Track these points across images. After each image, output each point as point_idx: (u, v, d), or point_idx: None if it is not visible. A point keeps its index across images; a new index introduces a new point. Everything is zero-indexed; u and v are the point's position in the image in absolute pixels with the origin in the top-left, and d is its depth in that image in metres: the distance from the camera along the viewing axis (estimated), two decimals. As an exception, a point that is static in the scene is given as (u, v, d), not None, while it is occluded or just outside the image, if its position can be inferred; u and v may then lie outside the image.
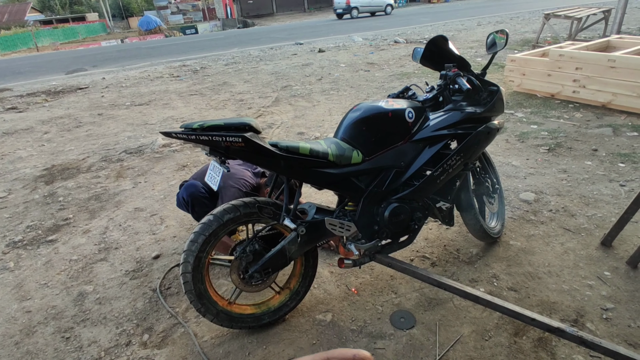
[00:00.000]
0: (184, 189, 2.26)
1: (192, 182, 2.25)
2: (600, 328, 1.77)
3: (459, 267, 2.21)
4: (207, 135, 1.50)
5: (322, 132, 4.48)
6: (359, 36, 12.44)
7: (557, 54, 4.32)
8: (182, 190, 2.27)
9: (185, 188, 2.23)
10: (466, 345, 1.73)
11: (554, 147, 3.54)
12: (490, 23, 13.03)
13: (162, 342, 1.91)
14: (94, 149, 4.56)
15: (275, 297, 1.93)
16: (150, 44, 17.96)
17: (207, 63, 10.04)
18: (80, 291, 2.30)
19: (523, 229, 2.47)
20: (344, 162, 1.73)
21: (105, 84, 8.36)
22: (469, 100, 2.00)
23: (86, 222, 3.04)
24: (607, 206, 2.63)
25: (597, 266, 2.13)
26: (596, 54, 4.23)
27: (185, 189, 2.23)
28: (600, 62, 4.12)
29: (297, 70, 8.07)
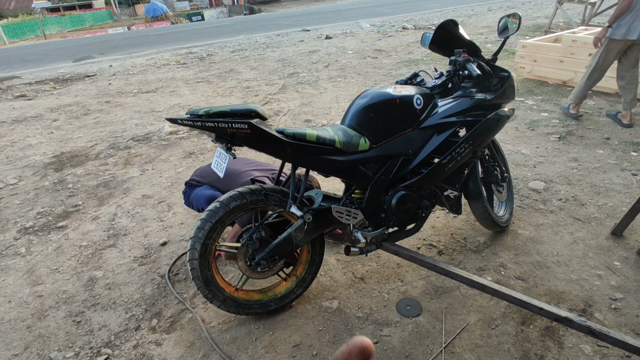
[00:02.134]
0: (206, 203, 2.18)
1: (214, 196, 2.19)
2: (608, 318, 1.75)
3: (466, 256, 2.20)
4: (213, 122, 1.49)
5: (329, 119, 4.45)
6: (367, 22, 12.24)
7: (570, 40, 4.20)
8: (203, 202, 2.21)
9: (206, 202, 2.17)
10: (472, 334, 1.73)
11: (564, 136, 3.48)
12: (501, 8, 12.72)
13: (171, 327, 1.94)
14: (102, 137, 4.58)
15: (282, 284, 1.94)
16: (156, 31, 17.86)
17: (214, 50, 9.97)
18: (90, 276, 2.34)
19: (532, 218, 2.45)
20: (351, 149, 1.71)
21: (113, 72, 8.35)
22: (478, 87, 1.96)
23: (95, 209, 3.07)
24: (619, 195, 2.58)
25: (607, 256, 2.10)
26: None
27: (207, 203, 2.17)
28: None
29: (304, 57, 7.98)
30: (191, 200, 2.32)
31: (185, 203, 2.45)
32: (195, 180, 2.41)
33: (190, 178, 2.47)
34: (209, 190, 2.25)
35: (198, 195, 2.26)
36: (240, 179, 2.13)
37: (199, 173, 2.45)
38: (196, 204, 2.29)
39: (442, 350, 1.66)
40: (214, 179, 2.27)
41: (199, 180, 2.39)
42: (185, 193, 2.41)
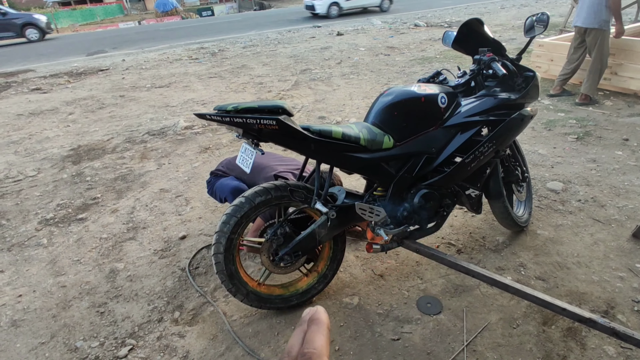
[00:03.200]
0: (231, 194, 2.23)
1: (239, 187, 2.23)
2: (631, 320, 1.75)
3: (485, 255, 2.20)
4: (241, 118, 1.50)
5: (344, 116, 4.45)
6: (378, 19, 12.18)
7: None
8: (227, 192, 2.25)
9: (231, 193, 2.21)
10: (494, 333, 1.74)
11: (582, 136, 3.45)
12: (514, 6, 12.58)
13: (193, 319, 1.97)
14: (117, 130, 4.63)
15: (303, 279, 1.96)
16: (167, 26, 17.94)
17: (225, 46, 10.01)
18: (112, 268, 2.38)
19: (551, 219, 2.44)
20: (375, 147, 1.72)
21: (126, 66, 8.42)
22: (502, 86, 1.95)
23: (114, 202, 3.12)
24: (639, 198, 2.56)
25: (629, 258, 2.09)
26: (631, 40, 4.06)
27: (232, 194, 2.21)
28: (635, 48, 3.95)
29: (316, 53, 7.98)
30: (215, 189, 2.35)
31: (209, 192, 2.48)
32: (221, 170, 2.44)
33: (216, 168, 2.50)
34: (235, 181, 2.27)
35: (223, 185, 2.29)
36: (264, 173, 2.15)
37: (225, 164, 2.48)
38: (219, 194, 2.31)
39: (464, 349, 1.67)
40: (240, 171, 2.29)
41: (225, 171, 2.42)
42: (210, 182, 2.45)
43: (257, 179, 2.18)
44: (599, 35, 3.78)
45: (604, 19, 3.73)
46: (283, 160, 2.36)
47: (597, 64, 3.91)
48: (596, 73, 3.92)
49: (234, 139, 4.06)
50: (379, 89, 5.30)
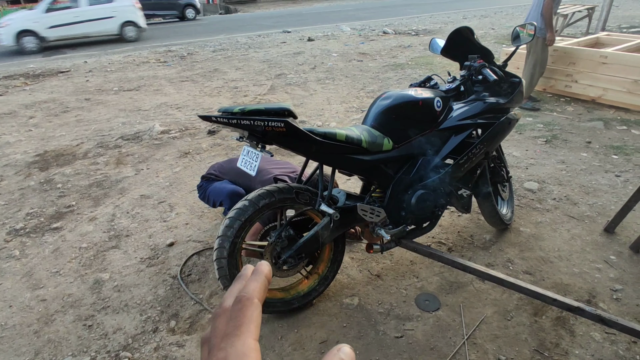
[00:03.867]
0: (228, 198, 2.19)
1: (236, 191, 2.19)
2: (611, 307, 1.89)
3: (475, 252, 2.30)
4: (249, 120, 1.49)
5: (323, 120, 4.49)
6: (347, 26, 12.38)
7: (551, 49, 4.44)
8: (223, 196, 2.20)
9: (228, 197, 2.17)
10: (490, 325, 1.82)
11: (550, 139, 3.69)
12: (475, 16, 13.22)
13: (190, 328, 1.92)
14: (87, 135, 4.41)
15: (304, 282, 1.96)
16: (129, 28, 17.28)
17: (194, 49, 9.79)
18: (96, 279, 2.26)
19: (531, 217, 2.59)
20: (376, 149, 1.76)
21: (88, 68, 8.03)
22: (490, 91, 2.06)
23: (91, 210, 2.96)
24: (606, 195, 2.77)
25: (603, 251, 2.26)
26: (589, 50, 4.40)
27: (229, 198, 2.17)
28: (592, 58, 4.28)
29: (289, 58, 7.99)
30: (208, 193, 2.30)
31: (200, 196, 2.42)
32: (213, 174, 2.39)
33: (207, 172, 2.45)
34: (230, 185, 2.23)
35: (217, 188, 2.24)
36: (260, 177, 2.13)
37: (217, 168, 2.43)
38: (213, 198, 2.26)
39: (464, 342, 1.74)
40: (235, 175, 2.26)
41: (218, 174, 2.37)
42: (201, 187, 2.39)
43: (252, 182, 2.16)
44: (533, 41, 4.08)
45: (538, 26, 4.04)
46: (278, 163, 2.35)
47: (530, 68, 4.25)
48: (529, 77, 4.22)
49: (214, 144, 3.99)
50: (356, 94, 5.40)
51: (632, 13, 11.50)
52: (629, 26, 9.30)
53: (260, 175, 2.16)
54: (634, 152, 3.37)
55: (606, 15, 6.29)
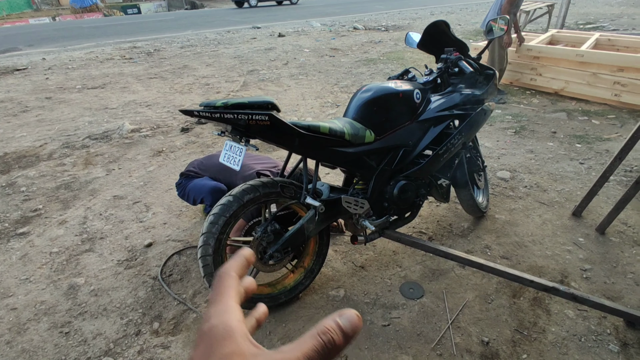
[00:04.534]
0: (210, 194, 2.14)
1: (218, 187, 2.15)
2: (582, 286, 2.00)
3: (454, 240, 2.37)
4: (232, 114, 1.47)
5: (299, 116, 4.48)
6: (317, 22, 12.38)
7: (525, 49, 4.64)
8: (205, 193, 2.15)
9: (210, 193, 2.12)
10: (473, 309, 1.89)
11: (519, 130, 3.84)
12: (442, 13, 13.54)
13: (175, 328, 1.87)
14: (50, 135, 4.19)
15: (290, 276, 1.96)
16: (90, 23, 16.52)
17: (161, 45, 9.50)
18: (71, 284, 2.17)
19: (505, 204, 2.69)
20: (358, 141, 1.77)
21: (47, 65, 7.63)
22: (466, 83, 2.12)
23: (60, 213, 2.83)
24: (572, 182, 2.93)
25: (572, 234, 2.38)
26: (551, 47, 4.62)
27: (211, 194, 2.12)
28: (554, 54, 4.49)
29: (261, 54, 7.90)
30: (188, 191, 2.24)
31: (179, 194, 2.36)
32: (192, 171, 2.33)
33: (186, 169, 2.38)
34: (211, 181, 2.19)
35: (198, 185, 2.19)
36: (242, 172, 2.10)
37: (196, 164, 2.37)
38: (194, 195, 2.21)
39: (449, 326, 1.79)
40: (215, 171, 2.21)
41: (197, 171, 2.31)
42: (181, 184, 2.32)
43: (234, 178, 2.13)
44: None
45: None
46: (259, 159, 2.32)
47: (489, 63, 4.43)
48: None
49: (188, 142, 3.89)
50: (330, 89, 5.41)
51: (588, 10, 12.14)
52: (585, 22, 9.82)
53: (242, 171, 2.13)
54: (595, 140, 3.57)
55: (565, 12, 6.60)
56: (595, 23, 9.60)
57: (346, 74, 6.16)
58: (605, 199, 2.68)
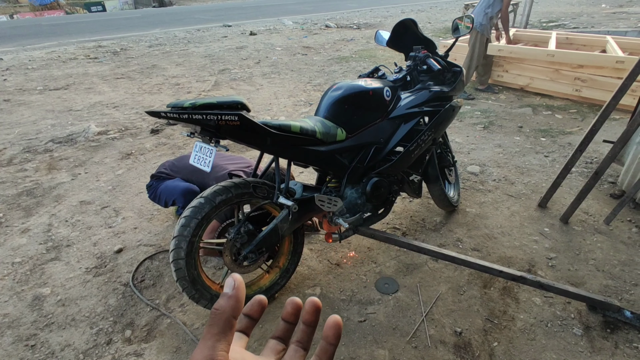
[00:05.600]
0: (182, 196, 2.09)
1: (190, 188, 2.10)
2: (548, 274, 2.09)
3: (427, 235, 2.42)
4: (201, 114, 1.44)
5: (272, 115, 4.45)
6: (289, 19, 12.33)
7: (496, 49, 4.76)
8: (177, 195, 2.10)
9: (182, 195, 2.07)
10: (446, 301, 1.93)
11: (487, 125, 3.96)
12: (412, 11, 13.77)
13: (148, 335, 1.82)
14: (9, 140, 3.99)
15: (265, 276, 1.94)
16: (50, 21, 15.79)
17: (127, 44, 9.20)
18: (35, 295, 2.07)
19: (475, 197, 2.77)
20: (330, 139, 1.78)
21: (5, 66, 7.24)
22: (434, 80, 2.16)
23: (22, 221, 2.69)
24: (538, 174, 3.04)
25: (538, 224, 2.48)
26: (517, 47, 4.78)
27: (183, 196, 2.07)
28: (519, 53, 4.65)
29: (232, 53, 7.79)
30: (159, 193, 2.18)
31: (150, 196, 2.29)
32: (164, 173, 2.27)
33: (157, 171, 2.32)
34: (183, 182, 2.14)
35: (169, 187, 2.13)
36: (215, 173, 2.07)
37: (168, 166, 2.31)
38: (165, 197, 2.16)
39: (423, 319, 1.83)
40: (187, 172, 2.16)
41: (169, 173, 2.26)
42: (152, 186, 2.26)
43: (207, 179, 2.09)
44: (473, 35, 4.43)
45: (481, 22, 4.40)
46: (232, 158, 2.29)
47: (468, 59, 4.61)
48: (466, 66, 4.56)
49: (159, 143, 3.79)
50: (303, 88, 5.40)
51: (550, 9, 12.64)
52: (548, 20, 10.22)
53: (215, 172, 2.10)
54: (558, 134, 3.72)
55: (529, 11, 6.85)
56: (557, 21, 10.01)
57: (319, 72, 6.17)
58: (568, 189, 2.80)
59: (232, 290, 0.34)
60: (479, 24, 4.43)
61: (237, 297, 0.34)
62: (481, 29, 4.42)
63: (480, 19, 4.40)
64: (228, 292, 0.34)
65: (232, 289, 0.34)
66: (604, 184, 2.88)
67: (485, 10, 4.38)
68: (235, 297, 0.34)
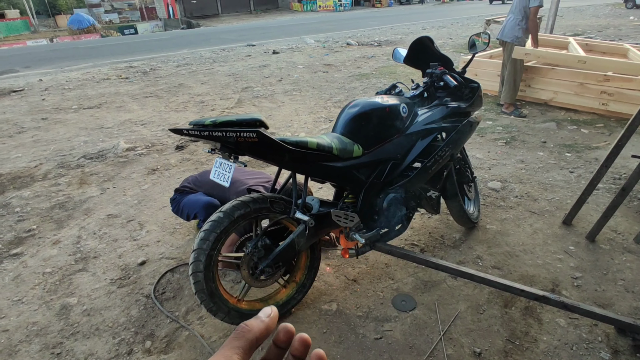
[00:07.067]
0: (204, 209, 2.17)
1: (211, 202, 2.17)
2: (573, 294, 2.01)
3: (446, 252, 2.38)
4: (221, 131, 1.50)
5: (292, 131, 4.53)
6: (311, 38, 12.59)
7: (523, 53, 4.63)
8: (198, 208, 2.18)
9: (203, 208, 2.15)
10: (465, 320, 1.89)
11: (509, 141, 3.90)
12: (433, 27, 13.82)
13: (167, 347, 1.87)
14: (46, 156, 4.22)
15: (282, 291, 1.96)
16: (87, 44, 16.74)
17: (157, 64, 9.62)
18: (63, 304, 2.16)
19: (496, 214, 2.72)
20: (347, 155, 1.80)
21: (44, 86, 7.70)
22: (452, 97, 2.17)
23: (54, 233, 2.83)
24: (562, 190, 2.96)
25: (563, 242, 2.40)
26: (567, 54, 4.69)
27: (204, 209, 2.14)
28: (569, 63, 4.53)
29: (255, 71, 8.01)
30: (182, 206, 2.26)
31: (173, 210, 2.37)
32: (187, 187, 2.36)
33: (181, 185, 2.41)
34: (205, 196, 2.21)
35: (192, 201, 2.21)
36: (235, 188, 2.13)
37: (191, 180, 2.40)
38: (188, 210, 2.23)
39: (441, 338, 1.79)
40: (209, 187, 2.24)
41: (192, 187, 2.34)
42: (175, 200, 2.35)
43: (227, 194, 2.15)
44: (511, 49, 4.37)
45: (516, 35, 4.35)
46: (252, 174, 2.35)
47: (511, 75, 4.48)
48: (511, 83, 4.48)
49: (183, 159, 3.92)
50: (324, 105, 5.48)
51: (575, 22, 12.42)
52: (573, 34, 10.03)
53: (235, 186, 2.15)
54: (584, 149, 3.62)
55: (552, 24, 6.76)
56: (583, 34, 9.82)
57: (339, 89, 6.25)
58: (594, 206, 2.71)
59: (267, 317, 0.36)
60: (515, 38, 4.38)
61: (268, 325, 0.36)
62: (518, 42, 4.39)
63: (517, 32, 4.37)
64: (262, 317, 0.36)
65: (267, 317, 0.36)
66: (634, 201, 2.77)
67: (519, 23, 4.35)
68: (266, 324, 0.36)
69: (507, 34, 4.45)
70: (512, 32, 4.39)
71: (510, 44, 4.43)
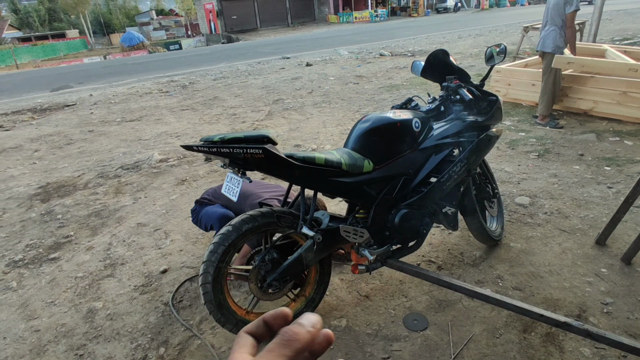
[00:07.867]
0: (218, 221, 2.25)
1: (226, 214, 2.26)
2: (602, 321, 1.87)
3: (465, 270, 2.30)
4: (228, 148, 1.55)
5: (318, 144, 4.57)
6: (345, 50, 12.70)
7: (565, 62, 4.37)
8: (214, 220, 2.27)
9: (218, 220, 2.23)
10: (479, 344, 1.80)
11: (543, 153, 3.71)
12: (470, 36, 13.49)
13: (179, 355, 1.92)
14: (88, 166, 4.53)
15: (291, 305, 1.97)
16: (135, 60, 17.91)
17: (195, 78, 10.08)
18: (90, 308, 2.29)
19: (521, 232, 2.58)
20: (356, 171, 1.80)
21: (93, 101, 8.29)
22: (469, 110, 2.11)
23: (88, 239, 3.02)
24: (598, 207, 2.77)
25: (594, 264, 2.24)
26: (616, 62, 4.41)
27: (219, 221, 2.23)
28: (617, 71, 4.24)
29: (287, 83, 8.19)
30: (200, 217, 2.35)
31: (193, 220, 2.47)
32: (207, 199, 2.45)
33: (201, 197, 2.51)
34: (221, 209, 2.29)
35: (209, 212, 2.29)
36: (250, 201, 2.18)
37: (210, 192, 2.49)
38: (205, 222, 2.31)
39: (452, 362, 1.72)
40: (227, 199, 2.31)
41: (211, 199, 2.43)
42: (195, 211, 2.44)
43: (243, 206, 2.21)
44: (552, 59, 4.15)
45: (558, 45, 4.14)
46: (268, 187, 2.40)
47: (549, 85, 4.26)
48: (549, 94, 4.26)
49: (211, 170, 4.07)
50: (352, 117, 5.49)
51: (625, 26, 11.66)
52: (622, 38, 9.43)
53: (251, 199, 2.21)
54: (626, 162, 3.37)
55: (595, 30, 6.40)
56: (632, 39, 9.20)
57: (368, 101, 6.24)
58: (633, 225, 2.51)
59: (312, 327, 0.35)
60: (557, 48, 4.18)
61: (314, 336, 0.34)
62: (560, 51, 4.19)
63: (559, 42, 4.17)
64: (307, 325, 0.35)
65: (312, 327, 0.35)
66: (680, 221, 2.53)
67: (560, 32, 4.16)
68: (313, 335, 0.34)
69: (549, 44, 4.22)
70: (554, 42, 4.17)
71: (550, 54, 4.22)
